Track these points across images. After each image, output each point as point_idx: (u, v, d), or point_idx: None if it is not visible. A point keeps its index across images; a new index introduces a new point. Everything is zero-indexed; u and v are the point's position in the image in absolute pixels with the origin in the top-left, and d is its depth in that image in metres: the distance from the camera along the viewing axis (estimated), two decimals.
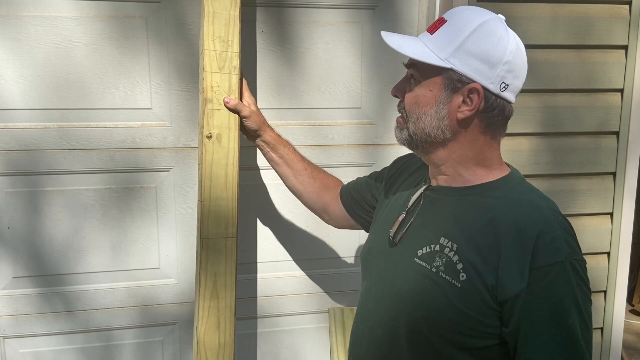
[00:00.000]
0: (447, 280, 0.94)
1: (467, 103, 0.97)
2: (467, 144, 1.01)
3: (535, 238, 0.89)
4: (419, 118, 0.99)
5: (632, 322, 3.48)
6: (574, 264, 0.89)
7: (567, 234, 0.92)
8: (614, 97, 1.88)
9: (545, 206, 0.95)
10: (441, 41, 0.97)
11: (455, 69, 0.95)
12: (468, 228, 0.96)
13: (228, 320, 1.44)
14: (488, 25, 0.97)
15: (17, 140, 1.65)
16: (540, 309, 0.87)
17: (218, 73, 1.42)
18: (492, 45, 0.96)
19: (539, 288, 0.87)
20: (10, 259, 1.70)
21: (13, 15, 1.59)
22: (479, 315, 0.92)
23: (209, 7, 1.41)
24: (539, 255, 0.87)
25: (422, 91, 0.99)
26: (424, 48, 0.98)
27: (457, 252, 0.95)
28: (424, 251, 1.00)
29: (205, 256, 1.43)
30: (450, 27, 0.98)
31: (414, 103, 1.00)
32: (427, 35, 1.01)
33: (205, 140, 1.42)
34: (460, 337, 0.94)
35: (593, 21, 1.82)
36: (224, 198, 1.44)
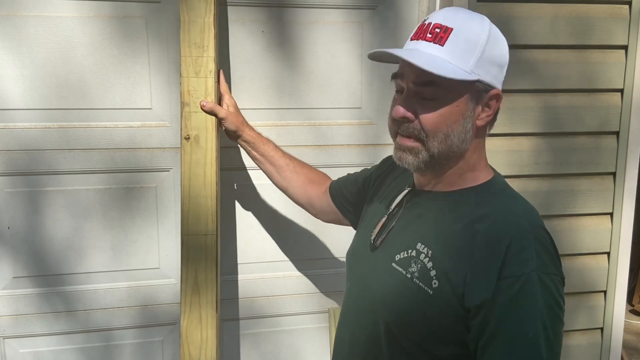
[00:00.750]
0: (420, 286, 0.93)
1: (486, 110, 0.95)
2: (475, 151, 0.98)
3: (505, 248, 0.86)
4: (447, 136, 0.92)
5: (632, 322, 3.48)
6: (544, 278, 0.86)
7: (541, 247, 0.88)
8: (614, 97, 1.88)
9: (524, 216, 0.92)
10: (459, 52, 0.90)
11: (482, 79, 0.91)
12: (445, 234, 0.94)
13: (210, 315, 1.48)
14: (494, 29, 0.94)
15: (17, 140, 1.65)
16: (501, 321, 0.84)
17: (194, 77, 1.50)
18: (503, 48, 0.95)
19: (502, 299, 0.84)
20: (11, 259, 1.70)
21: (13, 15, 1.59)
22: (448, 322, 0.90)
23: (184, 15, 1.50)
24: (506, 266, 0.85)
25: (448, 108, 0.91)
26: (445, 63, 0.89)
27: (431, 259, 0.93)
28: (401, 256, 0.99)
29: (186, 253, 1.49)
30: (462, 35, 0.90)
31: (439, 120, 0.92)
32: (433, 45, 0.91)
33: (184, 142, 1.50)
34: (431, 345, 0.93)
35: (593, 21, 1.82)
36: (202, 196, 1.50)
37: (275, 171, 1.55)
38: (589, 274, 1.96)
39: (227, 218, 1.80)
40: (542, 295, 0.84)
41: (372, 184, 1.29)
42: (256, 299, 1.87)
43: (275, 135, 1.80)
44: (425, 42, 0.92)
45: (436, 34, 0.91)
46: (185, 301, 1.49)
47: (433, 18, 0.93)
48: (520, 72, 1.80)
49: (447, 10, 0.94)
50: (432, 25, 0.92)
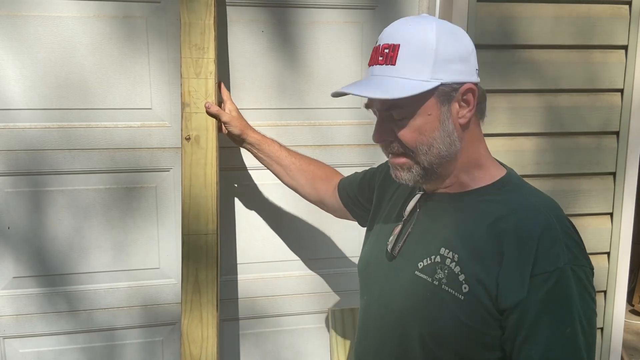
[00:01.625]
0: (450, 292, 0.91)
1: (464, 106, 0.94)
2: (470, 146, 0.97)
3: (536, 244, 0.86)
4: (431, 146, 0.93)
5: (632, 322, 3.48)
6: (576, 270, 0.86)
7: (569, 239, 0.88)
8: (615, 97, 1.88)
9: (548, 209, 0.92)
10: (412, 65, 0.90)
11: (444, 81, 0.91)
12: (469, 236, 0.93)
13: (210, 313, 1.50)
14: (442, 27, 0.92)
15: (17, 140, 1.65)
16: (538, 319, 0.84)
17: (195, 79, 1.51)
18: (458, 41, 0.93)
19: (537, 296, 0.84)
20: (11, 259, 1.70)
21: (13, 15, 1.59)
22: (483, 326, 0.89)
23: (185, 17, 1.52)
24: (538, 262, 0.85)
25: (420, 120, 0.92)
26: (402, 82, 0.90)
27: (458, 263, 0.91)
28: (424, 263, 0.97)
29: (186, 252, 1.51)
30: (410, 47, 0.90)
31: (418, 135, 0.93)
32: (386, 68, 0.92)
33: (184, 142, 1.51)
34: (468, 351, 0.91)
35: (594, 21, 1.82)
36: (203, 196, 1.51)
37: (283, 171, 1.55)
38: None
39: (227, 218, 1.80)
40: (576, 288, 0.84)
41: (376, 188, 1.27)
42: (256, 299, 1.87)
43: (275, 135, 1.79)
44: (378, 66, 0.93)
45: (386, 55, 0.92)
46: (186, 300, 1.50)
47: (381, 39, 0.94)
48: (520, 72, 1.80)
49: (391, 26, 0.94)
50: (382, 46, 0.93)
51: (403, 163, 0.96)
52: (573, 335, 0.83)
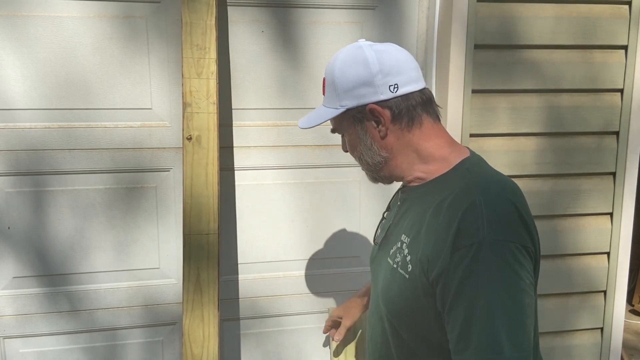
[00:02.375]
0: (401, 273, 1.01)
1: (378, 122, 1.06)
2: (404, 150, 1.07)
3: (458, 219, 0.91)
4: (360, 158, 1.12)
5: (632, 322, 3.48)
6: (496, 244, 0.88)
7: (494, 215, 0.90)
8: (615, 97, 1.88)
9: (482, 189, 0.95)
10: (329, 96, 1.10)
11: (349, 106, 1.06)
12: (417, 221, 1.02)
13: (211, 313, 1.51)
14: (343, 60, 1.07)
15: (18, 140, 1.65)
16: (458, 290, 0.88)
17: (196, 79, 1.53)
18: (354, 70, 1.05)
19: (457, 269, 0.88)
20: (11, 259, 1.70)
21: (14, 15, 1.59)
22: (425, 302, 0.96)
23: (186, 18, 1.53)
24: (459, 237, 0.89)
25: (348, 138, 1.12)
26: (323, 110, 1.11)
27: (408, 245, 1.02)
28: (392, 250, 1.08)
29: (188, 252, 1.51)
30: (328, 81, 1.09)
31: (351, 150, 1.13)
32: (323, 97, 1.14)
33: (186, 142, 1.52)
34: (424, 331, 1.00)
35: (594, 21, 1.82)
36: (204, 196, 1.52)
37: None
38: (589, 274, 1.96)
39: (227, 218, 1.80)
40: (495, 262, 0.87)
41: None
42: (256, 299, 1.87)
43: (275, 135, 1.80)
44: (324, 97, 1.14)
45: (323, 87, 1.13)
46: (188, 299, 1.50)
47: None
48: (521, 72, 1.80)
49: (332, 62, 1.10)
50: (323, 79, 1.13)
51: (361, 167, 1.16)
52: (491, 316, 0.86)
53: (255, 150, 1.79)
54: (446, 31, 1.76)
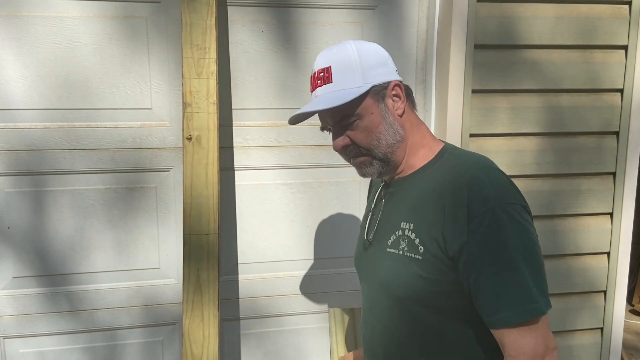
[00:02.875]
0: (411, 256, 1.05)
1: (396, 100, 1.11)
2: (412, 130, 1.13)
3: (466, 192, 0.98)
4: (379, 139, 1.10)
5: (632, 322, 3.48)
6: (505, 208, 0.97)
7: (495, 182, 1.00)
8: (615, 97, 1.88)
9: (475, 163, 1.06)
10: (346, 78, 1.09)
11: (375, 83, 1.09)
12: (419, 205, 1.07)
13: (212, 313, 1.51)
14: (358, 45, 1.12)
15: (18, 140, 1.65)
16: (482, 258, 0.96)
17: (196, 79, 1.53)
18: (373, 52, 1.13)
19: (476, 238, 0.96)
20: (11, 259, 1.71)
21: (14, 15, 1.60)
22: (440, 275, 1.01)
23: (186, 17, 1.53)
24: (471, 207, 0.97)
25: (366, 120, 1.09)
26: (341, 92, 1.08)
27: (413, 230, 1.06)
28: (391, 239, 1.11)
29: (188, 252, 1.51)
30: (340, 65, 1.09)
31: (367, 134, 1.10)
32: (325, 87, 1.10)
33: (186, 142, 1.52)
34: (436, 301, 1.04)
35: (594, 21, 1.82)
36: (204, 196, 1.52)
37: None
38: (589, 274, 1.96)
39: (227, 218, 1.80)
40: (509, 223, 0.96)
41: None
42: (256, 299, 1.88)
43: (275, 135, 1.80)
44: (319, 88, 1.12)
45: (322, 77, 1.11)
46: (188, 300, 1.50)
47: (314, 67, 1.13)
48: (521, 72, 1.80)
49: (320, 56, 1.13)
50: (317, 72, 1.12)
51: (363, 161, 1.13)
52: (517, 270, 0.95)
53: (255, 150, 1.79)
54: (446, 31, 1.76)
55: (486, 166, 1.05)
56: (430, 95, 1.87)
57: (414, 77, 1.87)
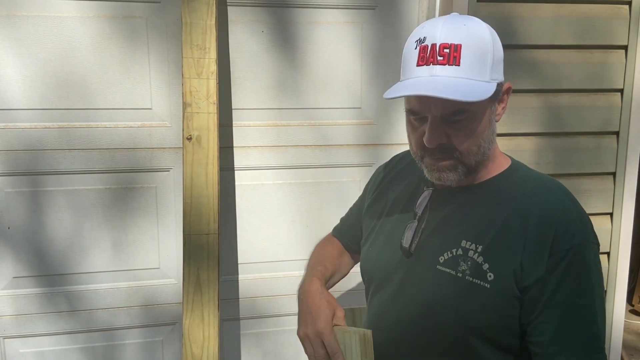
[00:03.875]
0: (475, 283, 0.93)
1: (501, 104, 0.97)
2: (493, 140, 0.99)
3: (555, 224, 0.90)
4: (480, 145, 0.95)
5: (632, 322, 3.48)
6: (590, 247, 0.91)
7: (583, 219, 0.93)
8: (615, 97, 1.88)
9: (561, 191, 0.97)
10: (476, 66, 0.90)
11: (499, 81, 0.93)
12: (490, 226, 0.95)
13: (212, 313, 1.50)
14: (490, 27, 0.95)
15: (17, 140, 1.65)
16: (555, 291, 0.88)
17: (196, 79, 1.52)
18: (500, 42, 0.96)
19: (555, 271, 0.88)
20: (11, 259, 1.70)
21: (13, 15, 1.59)
22: (509, 310, 0.92)
23: (186, 18, 1.52)
24: (557, 242, 0.89)
25: (475, 123, 0.92)
26: (471, 83, 0.89)
27: (481, 253, 0.94)
28: (445, 257, 0.98)
29: (188, 252, 1.51)
30: (472, 48, 0.89)
31: (470, 137, 0.93)
32: (449, 68, 0.89)
33: (186, 142, 1.51)
34: (497, 336, 0.94)
35: (594, 21, 1.82)
36: (205, 196, 1.52)
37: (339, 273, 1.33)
38: None
39: (227, 218, 1.80)
40: (590, 263, 0.90)
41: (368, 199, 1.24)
42: (256, 299, 1.87)
43: (275, 135, 1.80)
44: (440, 66, 0.89)
45: (447, 55, 0.89)
46: (188, 300, 1.50)
47: (435, 38, 0.90)
48: (520, 72, 1.80)
49: (443, 25, 0.91)
50: (440, 46, 0.89)
51: (449, 165, 0.95)
52: (590, 306, 0.88)
53: (255, 150, 1.79)
54: None
55: (570, 196, 0.96)
56: None
57: None
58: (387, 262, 1.09)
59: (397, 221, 1.10)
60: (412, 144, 1.00)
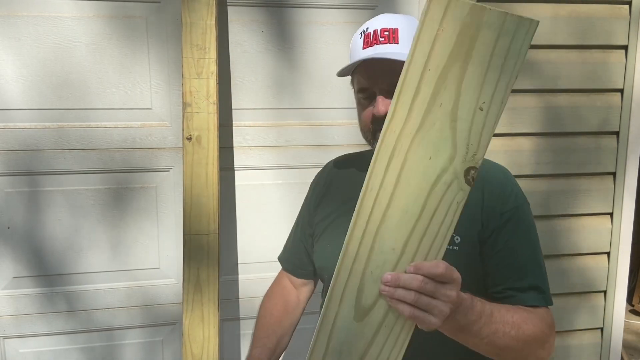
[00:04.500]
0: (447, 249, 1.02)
1: None
2: None
3: (502, 188, 1.07)
4: None
5: (632, 322, 3.48)
6: (528, 206, 1.09)
7: (517, 184, 1.11)
8: (614, 97, 1.88)
9: (497, 165, 1.14)
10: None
11: None
12: None
13: (212, 313, 1.51)
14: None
15: (17, 140, 1.65)
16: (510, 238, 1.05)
17: (196, 79, 1.52)
18: None
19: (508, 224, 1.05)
20: (11, 259, 1.70)
21: (13, 15, 1.59)
22: (477, 264, 1.05)
23: (186, 17, 1.53)
24: (506, 202, 1.05)
25: None
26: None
27: None
28: None
29: (188, 252, 1.51)
30: (408, 31, 1.05)
31: None
32: (389, 46, 1.04)
33: (186, 142, 1.52)
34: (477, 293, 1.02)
35: (593, 21, 1.82)
36: (204, 196, 1.52)
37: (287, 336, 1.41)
38: (589, 274, 1.96)
39: (227, 218, 1.80)
40: (531, 219, 1.08)
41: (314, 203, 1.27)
42: (256, 299, 1.87)
43: (275, 135, 1.80)
44: (381, 45, 1.04)
45: (387, 37, 1.05)
46: (188, 300, 1.50)
47: (375, 25, 1.07)
48: (521, 72, 1.80)
49: (382, 17, 1.09)
50: (379, 30, 1.06)
51: None
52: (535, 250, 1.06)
53: (255, 150, 1.79)
54: None
55: (504, 167, 1.14)
56: None
57: None
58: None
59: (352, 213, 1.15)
60: (363, 122, 1.11)
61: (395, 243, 0.76)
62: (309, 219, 1.30)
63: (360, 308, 0.79)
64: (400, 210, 0.76)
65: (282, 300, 1.39)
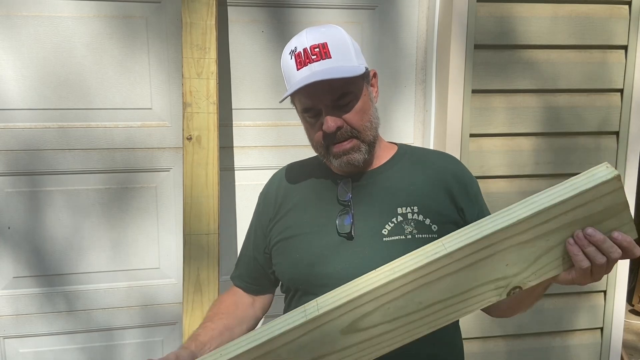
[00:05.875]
0: (424, 237, 1.06)
1: (373, 87, 1.14)
2: (379, 122, 1.15)
3: (460, 172, 1.17)
4: (371, 122, 1.10)
5: (632, 322, 3.47)
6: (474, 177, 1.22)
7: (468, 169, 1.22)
8: (614, 97, 1.88)
9: (450, 155, 1.24)
10: (344, 55, 1.06)
11: (365, 65, 1.09)
12: (417, 189, 1.12)
13: None
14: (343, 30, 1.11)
15: (17, 140, 1.65)
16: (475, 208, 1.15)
17: (196, 79, 1.52)
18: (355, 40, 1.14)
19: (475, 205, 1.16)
20: (11, 259, 1.70)
21: (13, 15, 1.60)
22: None
23: (186, 18, 1.53)
24: (468, 182, 1.16)
25: (361, 102, 1.07)
26: (345, 67, 1.04)
27: (420, 212, 1.09)
28: (388, 228, 1.08)
29: (188, 252, 1.51)
30: (336, 43, 1.06)
31: (362, 115, 1.08)
32: (324, 62, 1.05)
33: (186, 142, 1.51)
34: None
35: (593, 21, 1.82)
36: (204, 196, 1.52)
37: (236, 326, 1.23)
38: None
39: (227, 218, 1.80)
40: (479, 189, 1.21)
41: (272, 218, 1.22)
42: None
43: (275, 135, 1.80)
44: (316, 63, 1.05)
45: (318, 53, 1.06)
46: (187, 299, 1.50)
47: (303, 43, 1.07)
48: (520, 72, 1.80)
49: (307, 33, 1.08)
50: (309, 47, 1.06)
51: (352, 146, 1.08)
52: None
53: (255, 150, 1.79)
54: (446, 31, 1.76)
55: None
56: (430, 95, 1.87)
57: (414, 77, 1.87)
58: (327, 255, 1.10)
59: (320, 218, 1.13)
60: (315, 141, 1.11)
61: (424, 300, 0.83)
62: (263, 233, 1.23)
63: (354, 326, 0.83)
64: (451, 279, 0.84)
65: (233, 298, 1.30)
